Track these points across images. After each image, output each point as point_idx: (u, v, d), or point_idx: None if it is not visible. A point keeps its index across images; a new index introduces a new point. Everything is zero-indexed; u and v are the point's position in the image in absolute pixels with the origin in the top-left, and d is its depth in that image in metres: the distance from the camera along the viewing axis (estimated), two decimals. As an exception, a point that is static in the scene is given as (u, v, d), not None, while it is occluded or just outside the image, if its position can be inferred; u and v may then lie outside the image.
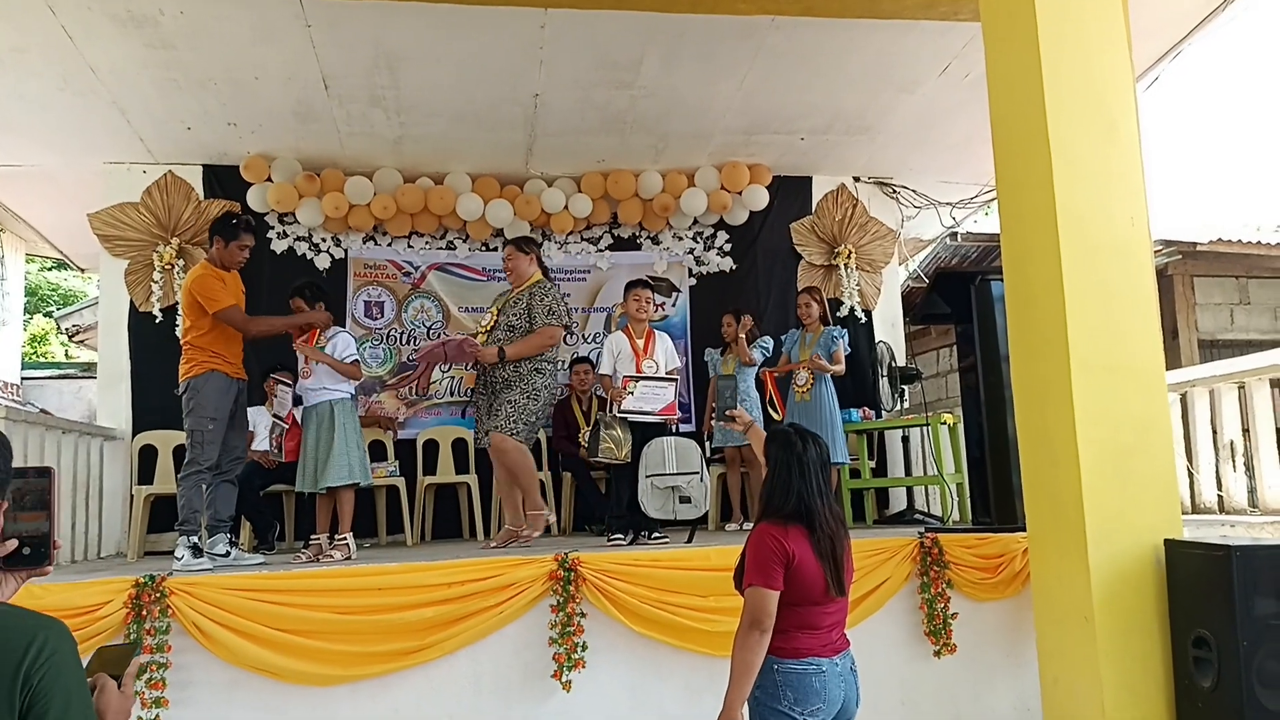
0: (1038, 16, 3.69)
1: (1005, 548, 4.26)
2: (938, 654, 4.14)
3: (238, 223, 4.71)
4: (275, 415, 4.54)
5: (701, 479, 4.72)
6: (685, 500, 4.65)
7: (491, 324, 5.02)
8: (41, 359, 16.85)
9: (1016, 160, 3.98)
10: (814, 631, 2.53)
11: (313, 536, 4.78)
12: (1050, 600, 3.62)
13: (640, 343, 5.11)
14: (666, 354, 5.20)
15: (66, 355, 16.35)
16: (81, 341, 11.19)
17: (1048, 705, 3.52)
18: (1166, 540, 3.26)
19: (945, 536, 4.27)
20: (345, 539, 4.65)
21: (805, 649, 2.53)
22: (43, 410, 11.01)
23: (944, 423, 5.61)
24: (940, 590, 4.15)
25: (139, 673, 3.49)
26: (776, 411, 5.75)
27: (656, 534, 4.79)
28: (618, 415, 4.84)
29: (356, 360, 4.86)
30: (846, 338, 5.97)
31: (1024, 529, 4.29)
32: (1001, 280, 4.75)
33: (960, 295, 4.73)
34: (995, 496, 4.60)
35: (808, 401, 5.76)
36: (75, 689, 1.34)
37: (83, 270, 9.50)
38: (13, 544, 1.48)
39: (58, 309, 15.78)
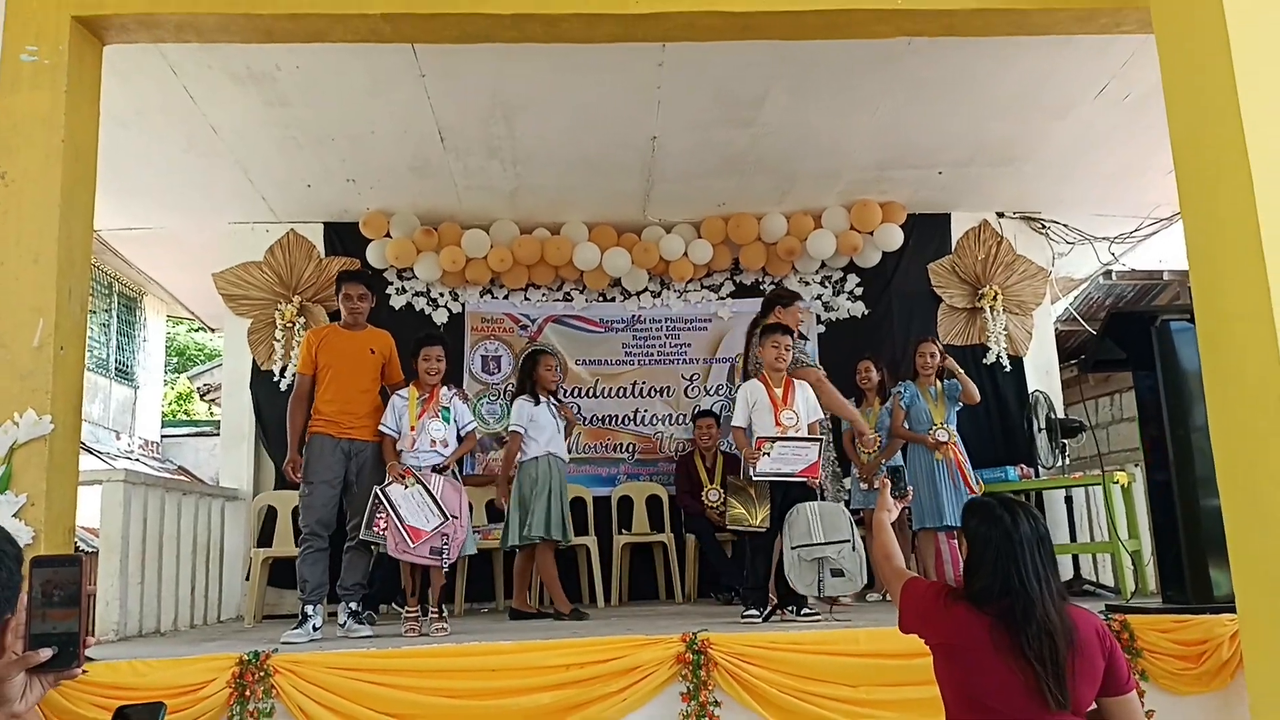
0: (1226, 14, 3.19)
1: (1209, 632, 3.63)
2: (1131, 758, 3.53)
3: (340, 276, 4.81)
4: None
5: (854, 548, 4.22)
6: (838, 573, 4.18)
7: None
8: (185, 417, 17.60)
9: (1206, 183, 3.45)
10: None
11: (432, 609, 4.46)
12: (1273, 697, 3.01)
13: (779, 392, 4.69)
14: (807, 404, 4.72)
15: (209, 412, 16.98)
16: (213, 400, 11.52)
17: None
18: None
19: (1135, 618, 3.68)
20: (441, 611, 4.42)
21: None
22: (180, 467, 11.37)
23: (1116, 482, 4.97)
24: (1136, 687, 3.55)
25: (239, 760, 3.27)
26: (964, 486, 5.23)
27: (808, 610, 4.32)
28: (752, 479, 4.43)
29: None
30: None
31: (1226, 607, 3.71)
32: (1183, 319, 4.24)
33: (1138, 338, 4.17)
34: (1190, 569, 3.97)
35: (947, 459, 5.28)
36: None
37: (213, 330, 9.77)
38: (48, 653, 1.27)
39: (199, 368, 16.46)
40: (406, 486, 4.32)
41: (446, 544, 4.31)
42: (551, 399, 5.23)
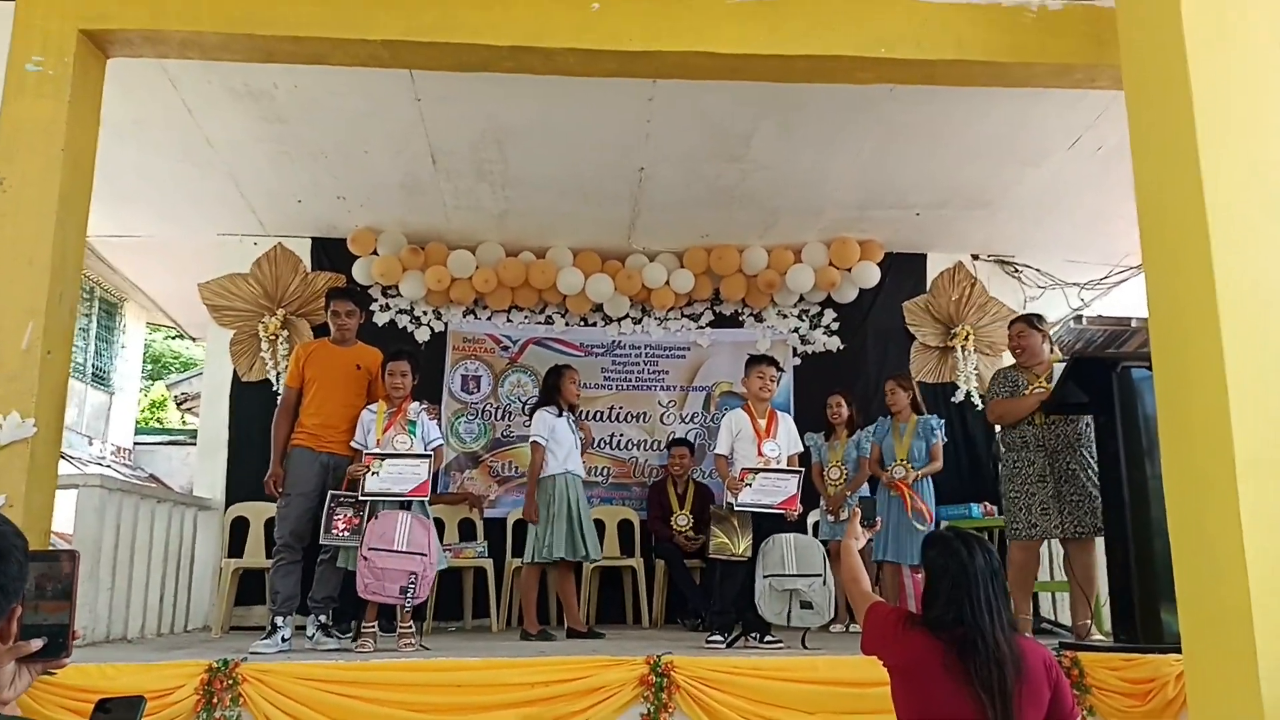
0: (1191, 80, 3.33)
1: (1156, 671, 3.73)
2: (1080, 792, 3.63)
3: (330, 292, 4.91)
4: None
5: (824, 582, 4.36)
6: (806, 605, 4.30)
7: None
8: (158, 424, 17.48)
9: (1166, 235, 3.60)
10: None
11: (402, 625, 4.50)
12: (1215, 736, 3.12)
13: (762, 423, 4.79)
14: (789, 437, 4.85)
15: (182, 421, 16.89)
16: (189, 409, 11.50)
17: None
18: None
19: (1086, 655, 3.78)
20: (411, 627, 4.42)
21: None
22: (151, 475, 11.31)
23: (1076, 523, 5.08)
24: (1081, 718, 3.65)
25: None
26: (922, 521, 5.24)
27: (770, 638, 4.41)
28: (734, 509, 4.53)
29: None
30: (944, 428, 5.49)
31: (1175, 648, 3.82)
32: (1144, 367, 4.38)
33: (1099, 383, 4.30)
34: (1141, 609, 4.08)
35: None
36: None
37: (194, 339, 9.78)
38: (39, 643, 1.32)
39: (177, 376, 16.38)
40: (375, 472, 4.30)
41: (414, 582, 4.25)
42: (570, 414, 5.28)
